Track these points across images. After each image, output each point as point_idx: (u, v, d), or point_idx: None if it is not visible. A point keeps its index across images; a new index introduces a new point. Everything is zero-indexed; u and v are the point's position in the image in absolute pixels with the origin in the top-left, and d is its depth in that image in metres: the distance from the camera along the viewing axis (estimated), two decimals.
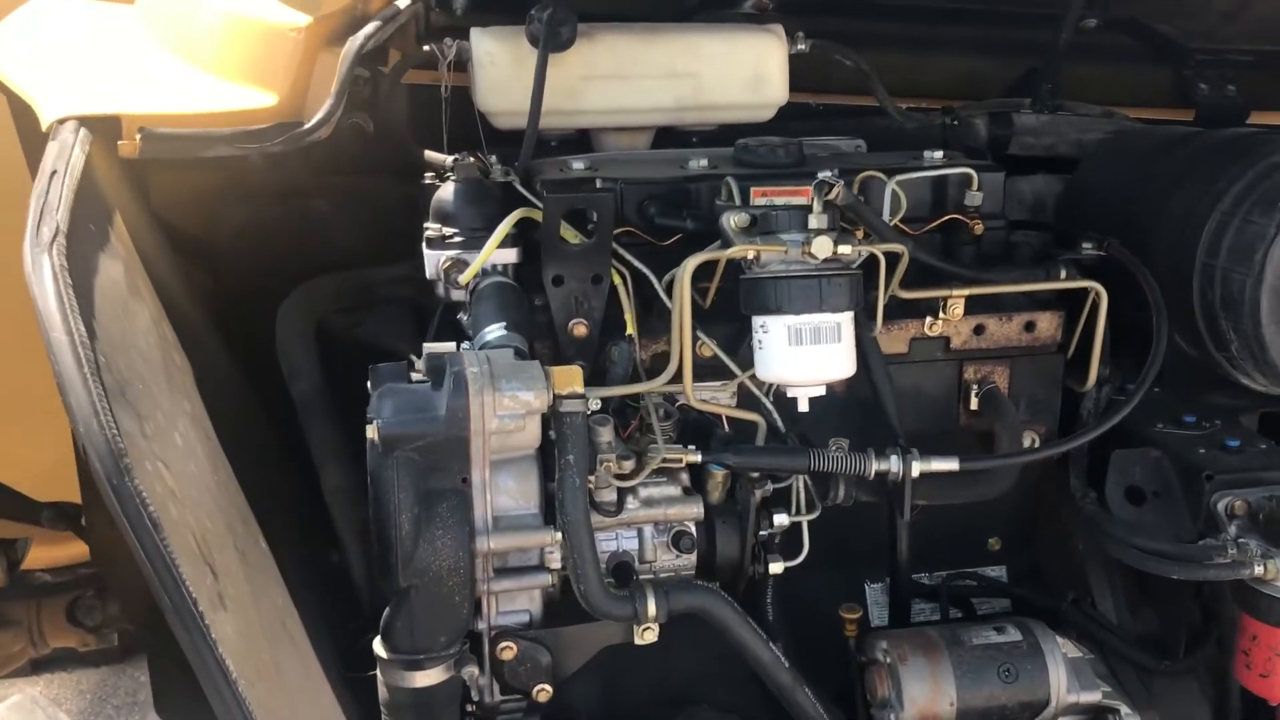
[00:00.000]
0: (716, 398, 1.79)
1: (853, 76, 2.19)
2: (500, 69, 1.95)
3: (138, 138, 1.58)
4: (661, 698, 1.82)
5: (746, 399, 1.80)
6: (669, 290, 1.72)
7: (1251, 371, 1.81)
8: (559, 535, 1.54)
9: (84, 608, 2.92)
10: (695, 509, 1.69)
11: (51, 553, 2.89)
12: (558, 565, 1.60)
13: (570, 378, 1.54)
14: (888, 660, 1.74)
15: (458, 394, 1.47)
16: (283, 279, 2.06)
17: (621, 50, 2.01)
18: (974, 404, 1.89)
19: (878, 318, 1.75)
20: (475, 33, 1.98)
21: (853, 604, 1.86)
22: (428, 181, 1.88)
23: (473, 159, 1.83)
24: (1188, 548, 1.72)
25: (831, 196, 1.63)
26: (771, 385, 1.76)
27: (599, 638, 1.65)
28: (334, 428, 2.00)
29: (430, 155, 1.89)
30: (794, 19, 2.15)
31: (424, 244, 1.78)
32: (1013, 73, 2.39)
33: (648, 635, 1.61)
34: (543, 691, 1.64)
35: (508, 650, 1.61)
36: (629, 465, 1.62)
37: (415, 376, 1.58)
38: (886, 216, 1.80)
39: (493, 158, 1.87)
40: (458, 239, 1.76)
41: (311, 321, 2.05)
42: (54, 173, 1.42)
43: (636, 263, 1.76)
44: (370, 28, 1.78)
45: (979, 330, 1.88)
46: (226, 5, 1.81)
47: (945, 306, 1.81)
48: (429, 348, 1.58)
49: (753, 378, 1.74)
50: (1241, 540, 1.69)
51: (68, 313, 1.25)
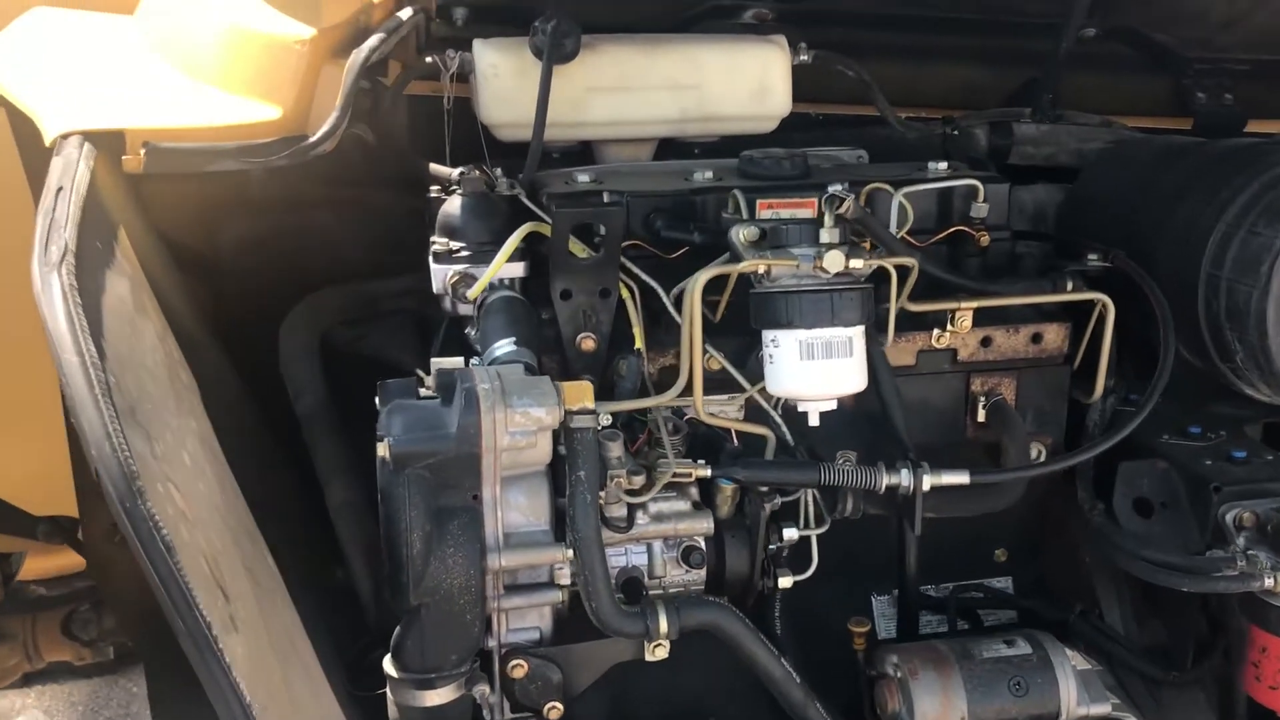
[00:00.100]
0: (724, 411, 1.78)
1: (852, 86, 2.18)
2: (504, 81, 1.94)
3: (142, 152, 1.57)
4: (671, 713, 1.82)
5: (754, 412, 1.79)
6: (677, 304, 1.71)
7: (1256, 382, 1.81)
8: (570, 552, 1.53)
9: (79, 621, 2.89)
10: (705, 524, 1.68)
11: (44, 563, 2.86)
12: (567, 581, 1.59)
13: (581, 393, 1.53)
14: (898, 675, 1.74)
15: (469, 410, 1.46)
16: (284, 292, 2.05)
17: (625, 62, 2.00)
18: (981, 416, 1.89)
19: (889, 331, 1.75)
20: (478, 44, 1.96)
21: (861, 617, 1.86)
22: (433, 195, 1.86)
23: (479, 172, 1.81)
24: (1197, 560, 1.72)
25: (842, 210, 1.63)
26: (780, 399, 1.75)
27: (610, 655, 1.65)
28: (338, 442, 1.98)
29: (436, 168, 1.87)
30: (794, 29, 2.14)
31: (431, 258, 1.76)
32: (1012, 82, 2.39)
33: (659, 652, 1.61)
34: (554, 709, 1.63)
35: (519, 668, 1.60)
36: (639, 480, 1.62)
37: (424, 392, 1.57)
38: (893, 229, 1.79)
39: (497, 171, 1.86)
40: (465, 253, 1.75)
41: (315, 335, 2.04)
42: (60, 189, 1.40)
43: (645, 276, 1.75)
44: (374, 40, 1.78)
45: (986, 342, 1.87)
46: (230, 18, 1.80)
47: (954, 319, 1.81)
48: (438, 363, 1.57)
49: (762, 391, 1.73)
50: (1250, 552, 1.69)
51: (78, 333, 1.23)
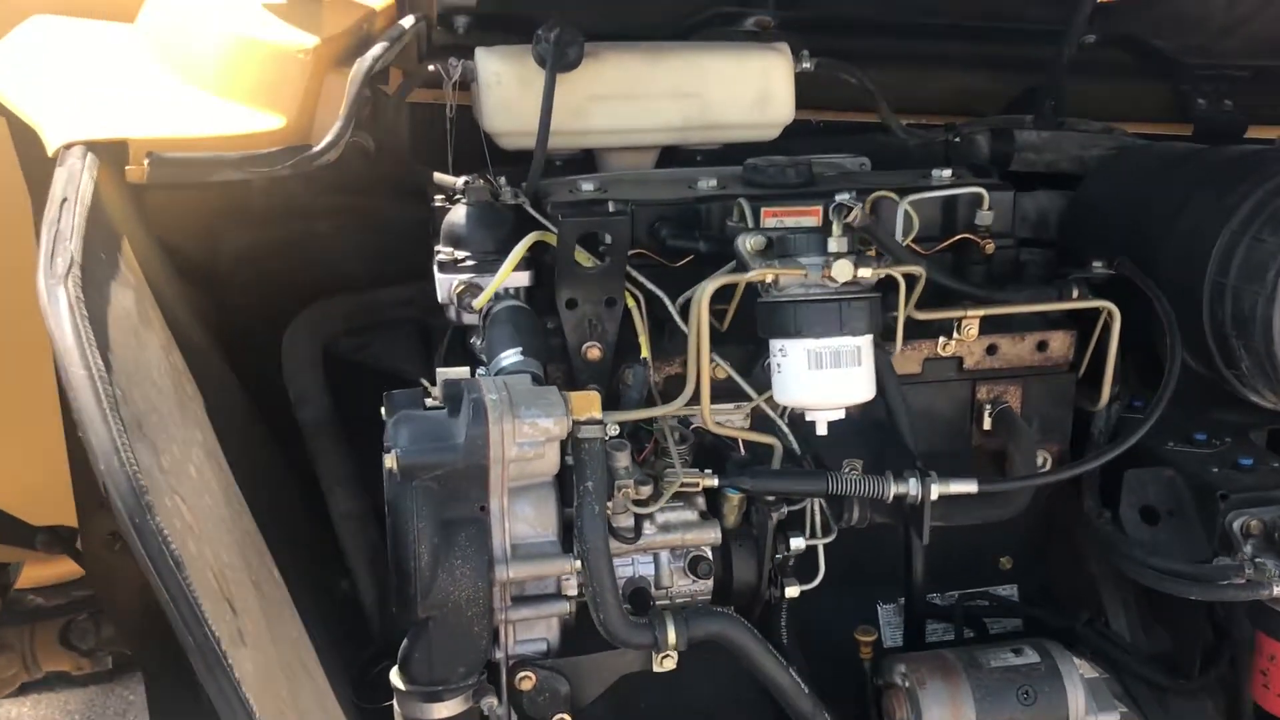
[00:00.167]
0: (730, 420, 1.77)
1: (854, 93, 2.18)
2: (507, 89, 1.93)
3: (145, 163, 1.56)
4: None
5: (759, 420, 1.79)
6: (683, 313, 1.71)
7: (1262, 389, 1.81)
8: (578, 563, 1.53)
9: (78, 631, 2.87)
10: (713, 534, 1.68)
11: (41, 571, 2.84)
12: (574, 592, 1.58)
13: (588, 403, 1.52)
14: (906, 684, 1.73)
15: (477, 421, 1.45)
16: (287, 301, 2.03)
17: (628, 70, 2.00)
18: (987, 424, 1.89)
19: (897, 340, 1.74)
20: (481, 53, 1.95)
21: (867, 626, 1.86)
22: (438, 204, 1.85)
23: (483, 181, 1.81)
24: (1205, 568, 1.72)
25: (850, 219, 1.62)
26: (787, 408, 1.74)
27: (618, 666, 1.64)
28: (341, 452, 1.97)
29: (439, 177, 1.87)
30: (795, 36, 2.14)
31: (436, 268, 1.76)
32: (1013, 89, 2.39)
33: (667, 663, 1.61)
34: None
35: (526, 680, 1.59)
36: (647, 491, 1.61)
37: (430, 402, 1.56)
38: (899, 237, 1.79)
39: (501, 179, 1.85)
40: (470, 263, 1.75)
41: (318, 344, 2.02)
42: (64, 200, 1.39)
43: (650, 285, 1.74)
44: (378, 49, 1.77)
45: (992, 350, 1.87)
46: (233, 27, 1.79)
47: (960, 327, 1.81)
48: (444, 373, 1.56)
49: (768, 400, 1.73)
50: (1258, 560, 1.69)
51: (85, 347, 1.22)
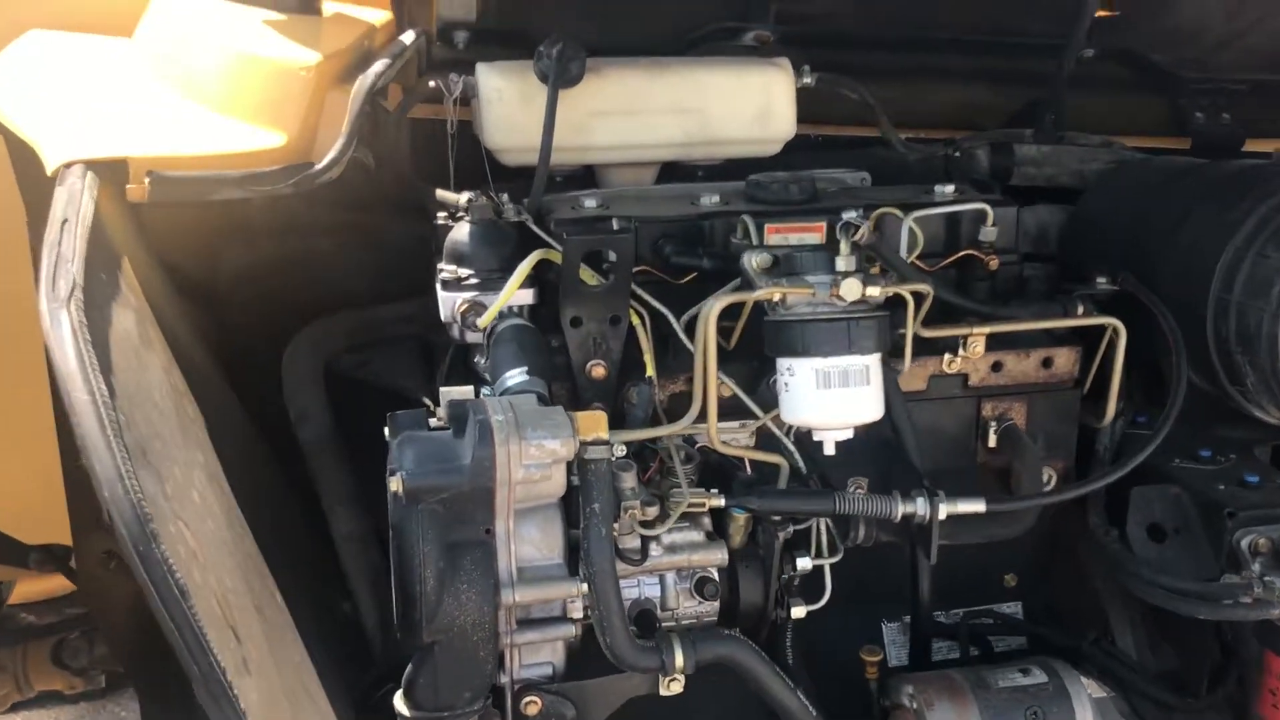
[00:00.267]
0: (735, 439, 1.76)
1: (853, 108, 2.17)
2: (508, 105, 1.92)
3: (146, 182, 1.54)
4: None
5: (765, 438, 1.78)
6: (688, 330, 1.69)
7: (1267, 405, 1.80)
8: (584, 586, 1.51)
9: (70, 649, 2.83)
10: (719, 554, 1.66)
11: (31, 587, 2.81)
12: (580, 615, 1.56)
13: (595, 423, 1.50)
14: (914, 705, 1.72)
15: (483, 443, 1.43)
16: (287, 319, 2.01)
17: (630, 86, 1.99)
18: (992, 441, 1.88)
19: (906, 358, 1.73)
20: (482, 69, 1.94)
21: (873, 646, 1.85)
22: (440, 221, 1.84)
23: (486, 198, 1.79)
24: (1212, 586, 1.71)
25: (858, 238, 1.61)
26: (794, 426, 1.73)
27: (624, 689, 1.62)
28: (344, 472, 1.95)
29: (441, 194, 1.85)
30: (795, 51, 2.13)
31: (439, 286, 1.74)
32: (1013, 103, 2.39)
33: (674, 686, 1.58)
34: None
35: (532, 705, 1.57)
36: (653, 512, 1.59)
37: (434, 422, 1.54)
38: (904, 253, 1.78)
39: (504, 196, 1.83)
40: (474, 281, 1.73)
41: (319, 362, 2.00)
42: (65, 221, 1.37)
43: (655, 303, 1.73)
44: (380, 65, 1.76)
45: (997, 367, 1.86)
46: (234, 43, 1.77)
47: (966, 344, 1.80)
48: (448, 393, 1.54)
49: (775, 419, 1.72)
50: (1266, 578, 1.68)
51: (88, 371, 1.20)
